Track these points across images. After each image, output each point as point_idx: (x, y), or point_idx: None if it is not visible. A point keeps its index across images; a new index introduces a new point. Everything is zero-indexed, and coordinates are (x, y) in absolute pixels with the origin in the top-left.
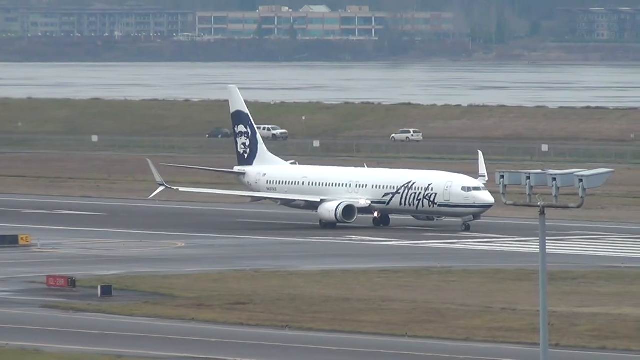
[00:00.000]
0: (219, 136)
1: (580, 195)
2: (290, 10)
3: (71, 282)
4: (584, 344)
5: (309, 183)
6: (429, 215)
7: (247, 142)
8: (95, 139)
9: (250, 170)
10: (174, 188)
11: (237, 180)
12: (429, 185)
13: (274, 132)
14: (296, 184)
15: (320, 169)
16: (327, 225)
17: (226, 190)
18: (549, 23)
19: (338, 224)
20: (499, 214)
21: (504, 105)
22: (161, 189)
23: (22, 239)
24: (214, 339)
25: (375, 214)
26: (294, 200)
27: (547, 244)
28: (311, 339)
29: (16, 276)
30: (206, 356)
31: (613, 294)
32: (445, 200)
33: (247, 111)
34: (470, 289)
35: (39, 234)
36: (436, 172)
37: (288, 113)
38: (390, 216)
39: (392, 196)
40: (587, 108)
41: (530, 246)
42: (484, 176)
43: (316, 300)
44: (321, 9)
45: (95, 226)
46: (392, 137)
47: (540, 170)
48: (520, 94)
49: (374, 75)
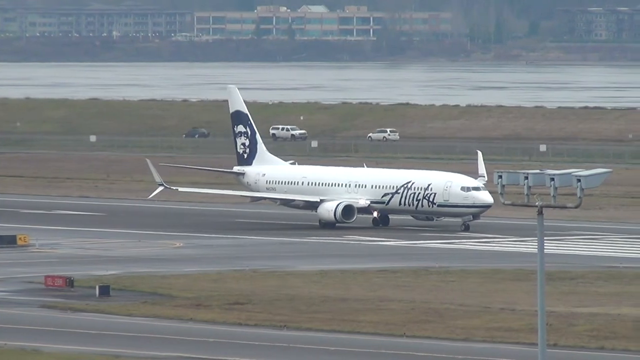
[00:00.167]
0: (196, 136)
1: (579, 196)
2: (289, 10)
3: (69, 282)
4: (583, 344)
5: (309, 183)
6: (428, 215)
7: (247, 142)
8: (93, 139)
9: (250, 171)
10: (173, 188)
11: (237, 181)
12: (429, 185)
13: (293, 133)
14: (295, 184)
15: (319, 169)
16: (327, 226)
17: (225, 191)
18: (547, 23)
19: (337, 224)
20: (497, 214)
21: (502, 106)
22: (160, 189)
23: (20, 239)
24: (212, 339)
25: (375, 214)
26: (294, 201)
27: (546, 244)
28: (309, 339)
29: (14, 276)
30: (204, 356)
31: (611, 294)
32: (444, 200)
33: (247, 111)
34: (468, 289)
35: (37, 234)
36: (435, 172)
37: (286, 113)
38: (390, 216)
39: (392, 196)
40: (586, 108)
41: (528, 246)
42: (484, 176)
43: (314, 300)
44: (319, 9)
45: (93, 226)
46: (369, 137)
47: (538, 170)
48: (518, 94)
49: (372, 75)
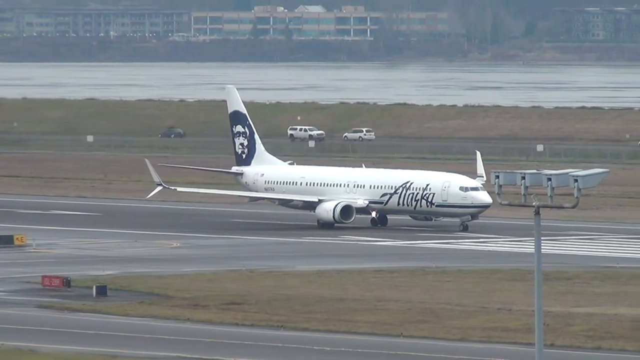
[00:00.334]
0: (172, 136)
1: (576, 196)
2: (286, 10)
3: (66, 282)
4: (579, 344)
5: (307, 183)
6: (426, 215)
7: (245, 143)
8: (90, 139)
9: (248, 171)
10: (172, 188)
11: (235, 181)
12: (427, 185)
13: (311, 133)
14: (294, 184)
15: (318, 169)
16: (325, 226)
17: (224, 191)
18: (544, 23)
19: (336, 224)
20: (494, 214)
21: (499, 106)
22: (159, 189)
23: (17, 239)
24: (209, 339)
25: (373, 214)
26: (292, 201)
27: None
28: (306, 339)
29: (11, 276)
30: (201, 356)
31: (608, 294)
32: (443, 200)
33: (245, 111)
34: (465, 289)
35: (34, 234)
36: (434, 172)
37: (283, 113)
38: (388, 216)
39: (390, 196)
40: (583, 108)
41: (525, 246)
42: (482, 176)
43: (311, 300)
44: (316, 9)
45: (90, 226)
46: (345, 136)
47: (535, 171)
48: (515, 94)
49: (369, 75)
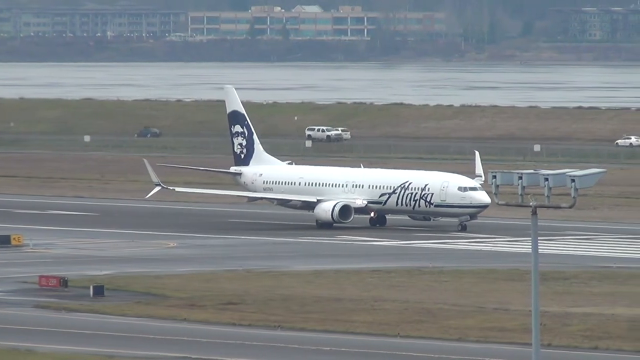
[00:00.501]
0: (148, 135)
1: (573, 196)
2: (283, 10)
3: (63, 282)
4: (576, 344)
5: (306, 183)
6: (425, 215)
7: (244, 142)
8: (87, 139)
9: (247, 171)
10: (171, 188)
11: (234, 181)
12: (426, 185)
13: (329, 134)
14: (293, 184)
15: (316, 169)
16: (324, 226)
17: (223, 191)
18: (541, 23)
19: (334, 224)
20: (491, 214)
21: (496, 106)
22: (157, 189)
23: (15, 239)
24: (205, 339)
25: (372, 214)
26: (291, 201)
27: (540, 244)
28: (303, 339)
29: (8, 276)
30: (198, 356)
31: (605, 294)
32: (441, 200)
33: (244, 111)
34: (462, 289)
35: (31, 234)
36: (433, 173)
37: (281, 113)
38: (387, 216)
39: (389, 196)
40: (580, 108)
41: (522, 246)
42: (481, 176)
43: (308, 300)
44: (313, 9)
45: (87, 226)
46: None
47: (532, 171)
48: (512, 94)
49: (366, 75)
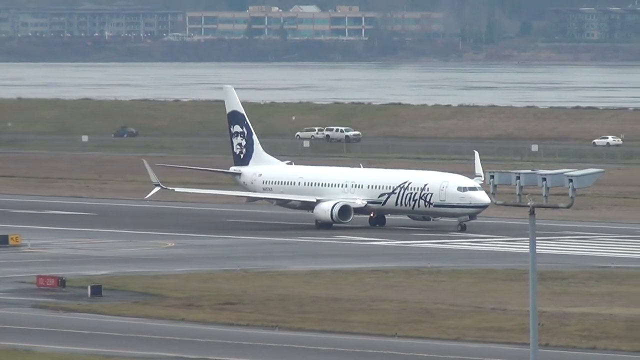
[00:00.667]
0: (125, 135)
1: (570, 196)
2: (280, 10)
3: (61, 282)
4: (574, 344)
5: (305, 183)
6: (425, 215)
7: (243, 142)
8: (85, 139)
9: (246, 171)
10: (170, 189)
11: (233, 181)
12: (425, 185)
13: (347, 134)
14: (292, 184)
15: (316, 169)
16: (323, 226)
17: (222, 191)
18: (539, 23)
19: (334, 224)
20: (489, 214)
21: (494, 106)
22: (157, 189)
23: (12, 239)
24: (203, 339)
25: (371, 214)
26: (290, 201)
27: (537, 244)
28: (301, 339)
29: (6, 276)
30: (196, 356)
31: (603, 294)
32: (441, 200)
33: (243, 111)
34: (460, 289)
35: (29, 234)
36: (432, 172)
37: (278, 113)
38: (386, 216)
39: (388, 196)
40: (577, 108)
41: (520, 246)
42: (480, 176)
43: (306, 301)
44: (311, 9)
45: (85, 226)
46: (297, 135)
47: (530, 170)
48: (510, 94)
49: (363, 75)
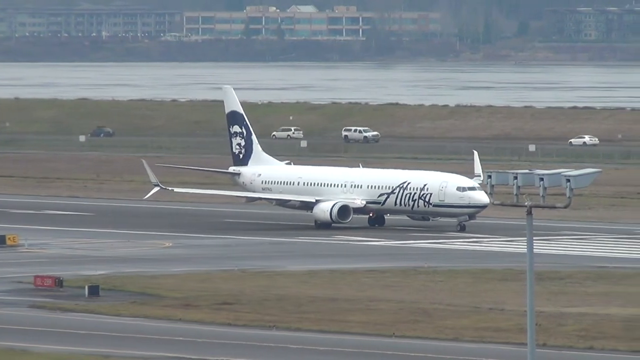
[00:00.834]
0: (101, 135)
1: (568, 196)
2: (278, 10)
3: (58, 282)
4: (572, 344)
5: (304, 183)
6: (424, 215)
7: (242, 143)
8: (82, 139)
9: (246, 171)
10: (169, 189)
11: (232, 181)
12: (424, 185)
13: (366, 135)
14: (291, 184)
15: (315, 169)
16: (322, 226)
17: (221, 191)
18: (536, 23)
19: (333, 225)
20: (487, 213)
21: (491, 106)
22: (156, 189)
23: (10, 239)
24: (201, 339)
25: (371, 214)
26: (289, 201)
27: (535, 244)
28: (298, 339)
29: (3, 276)
30: (193, 356)
31: (600, 294)
32: (440, 200)
33: (242, 111)
34: (457, 289)
35: (27, 234)
36: (431, 173)
37: (275, 113)
38: (386, 216)
39: (387, 196)
40: (575, 108)
41: (517, 246)
42: (480, 176)
43: (303, 301)
44: (308, 9)
45: (82, 226)
46: (273, 135)
47: (527, 170)
48: (507, 94)
49: (361, 75)
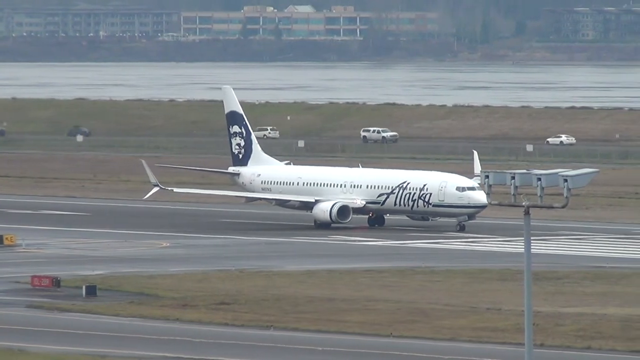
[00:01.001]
0: (77, 135)
1: (565, 196)
2: (275, 10)
3: (56, 282)
4: (569, 344)
5: (304, 183)
6: (423, 215)
7: (242, 143)
8: (80, 139)
9: (245, 171)
10: (169, 189)
11: (232, 181)
12: (424, 185)
13: (384, 135)
14: (291, 184)
15: (314, 169)
16: (322, 226)
17: (221, 191)
18: (534, 23)
19: (333, 225)
20: (484, 213)
21: (488, 106)
22: (156, 189)
23: (7, 239)
24: (198, 339)
25: (370, 214)
26: (289, 201)
27: (532, 244)
28: (296, 339)
29: (1, 276)
30: (191, 356)
31: (598, 294)
32: (439, 200)
33: (242, 112)
34: (455, 289)
35: (24, 234)
36: (431, 172)
37: (273, 113)
38: (385, 216)
39: (387, 196)
40: (572, 108)
41: (515, 246)
42: (479, 176)
43: (301, 301)
44: (306, 9)
45: (80, 226)
46: None
47: (525, 170)
48: (505, 94)
49: (358, 75)
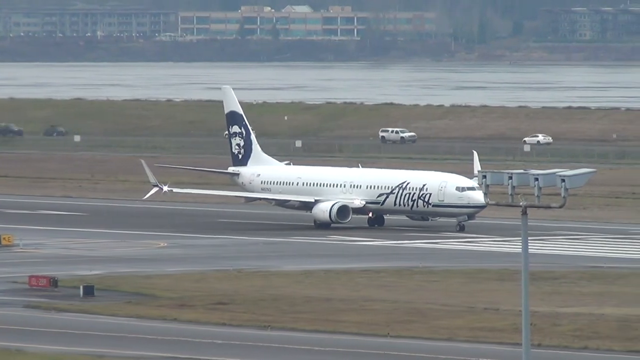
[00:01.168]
0: (54, 134)
1: (563, 195)
2: (273, 10)
3: (53, 282)
4: (566, 344)
5: (304, 183)
6: (423, 215)
7: (242, 143)
8: (77, 139)
9: (245, 171)
10: (168, 189)
11: (232, 181)
12: (424, 185)
13: (403, 135)
14: (290, 184)
15: (314, 169)
16: (322, 226)
17: (221, 191)
18: (531, 23)
19: (332, 225)
20: (482, 214)
21: (486, 106)
22: (155, 189)
23: (4, 239)
24: (196, 339)
25: (370, 214)
26: (289, 201)
27: (530, 244)
28: (293, 339)
29: None
30: (188, 356)
31: (595, 294)
32: (439, 200)
33: (242, 112)
34: (452, 288)
35: (21, 234)
36: (430, 173)
37: (270, 113)
38: (385, 216)
39: (387, 196)
40: (569, 108)
41: (512, 246)
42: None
43: (298, 301)
44: (303, 9)
45: (77, 226)
46: (225, 135)
47: (522, 170)
48: (502, 94)
49: (356, 75)
